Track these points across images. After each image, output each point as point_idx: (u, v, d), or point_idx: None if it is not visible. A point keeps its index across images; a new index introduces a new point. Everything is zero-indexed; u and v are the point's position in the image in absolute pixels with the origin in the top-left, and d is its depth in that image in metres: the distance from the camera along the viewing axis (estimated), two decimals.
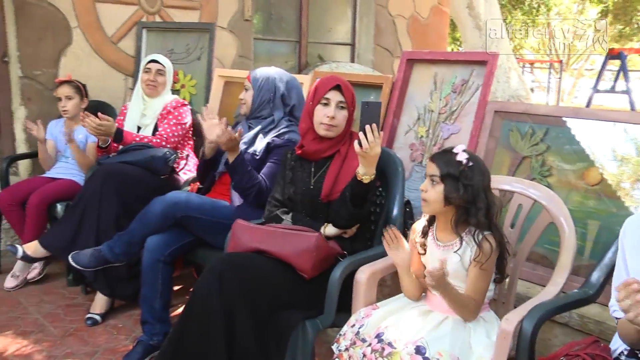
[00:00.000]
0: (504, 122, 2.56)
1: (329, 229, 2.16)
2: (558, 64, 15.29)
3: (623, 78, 8.54)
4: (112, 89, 3.99)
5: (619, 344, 1.57)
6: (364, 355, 1.70)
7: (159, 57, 3.39)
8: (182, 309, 2.05)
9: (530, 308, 1.66)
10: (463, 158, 1.74)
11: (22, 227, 3.19)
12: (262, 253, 2.09)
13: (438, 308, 1.79)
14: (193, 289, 2.00)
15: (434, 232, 1.85)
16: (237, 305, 1.91)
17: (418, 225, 1.90)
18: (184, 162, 3.28)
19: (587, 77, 18.81)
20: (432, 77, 2.85)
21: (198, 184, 2.98)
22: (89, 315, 2.88)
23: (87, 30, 3.96)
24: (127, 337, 2.75)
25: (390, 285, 2.51)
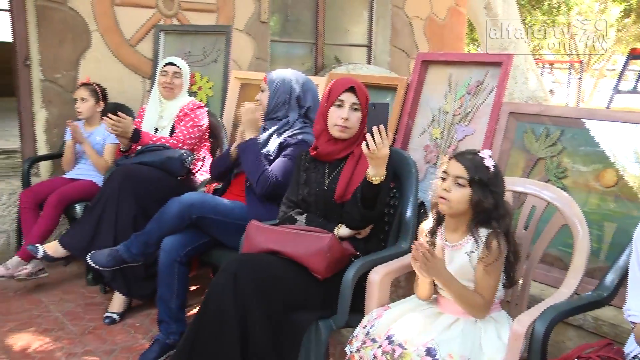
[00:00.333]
0: (519, 123, 2.55)
1: (343, 230, 2.17)
2: (578, 64, 15.10)
3: None
4: (130, 92, 4.04)
5: (634, 347, 1.57)
6: (375, 357, 1.70)
7: (176, 59, 3.43)
8: (197, 309, 2.07)
9: (543, 310, 1.66)
10: (491, 164, 1.75)
11: (32, 227, 3.20)
12: (276, 254, 2.10)
13: (449, 310, 1.79)
14: (208, 289, 2.02)
15: (443, 232, 1.85)
16: (251, 305, 1.93)
17: (426, 225, 1.91)
18: (201, 163, 3.31)
19: (608, 77, 18.55)
20: (446, 78, 2.85)
21: (214, 186, 3.01)
22: (107, 314, 2.93)
23: (106, 34, 4.02)
24: (144, 335, 2.79)
25: (405, 287, 2.51)
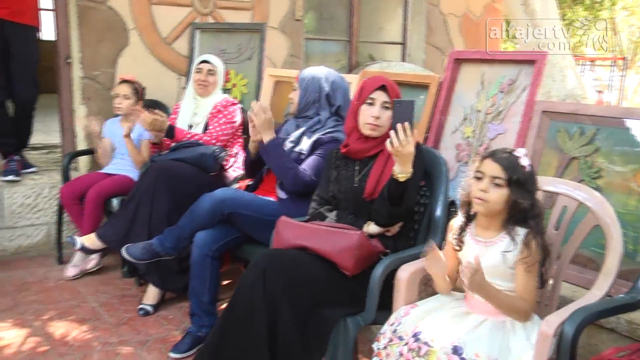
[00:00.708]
0: (552, 122, 2.51)
1: (372, 227, 2.18)
2: (622, 61, 14.69)
3: None
4: (165, 88, 4.11)
5: None
6: (401, 354, 1.71)
7: (211, 57, 3.47)
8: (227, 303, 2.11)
9: (573, 311, 1.63)
10: (527, 163, 1.74)
11: (80, 220, 3.34)
12: (305, 250, 2.12)
13: (477, 310, 1.78)
14: (237, 284, 2.05)
15: (473, 229, 1.84)
16: (279, 300, 1.95)
17: (455, 222, 1.90)
18: (233, 159, 3.35)
19: None
20: (479, 76, 2.82)
21: (246, 182, 3.05)
22: (142, 306, 2.99)
23: (143, 32, 4.10)
24: (176, 327, 2.84)
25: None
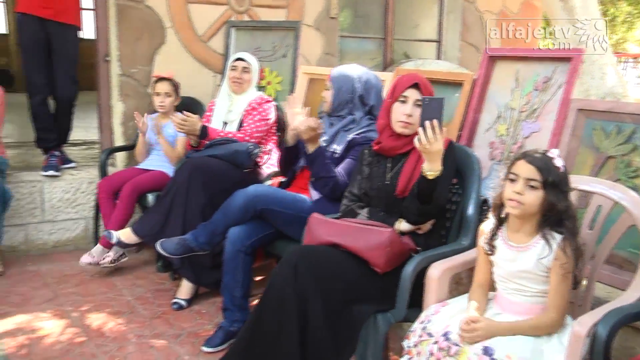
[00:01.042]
0: (588, 120, 2.46)
1: (403, 225, 2.18)
2: None
3: None
4: (201, 86, 4.16)
5: None
6: (431, 353, 1.71)
7: (246, 55, 3.50)
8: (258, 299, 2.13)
9: (607, 312, 1.61)
10: (561, 164, 1.72)
11: (110, 214, 3.38)
12: (336, 247, 2.13)
13: (508, 310, 1.76)
14: (269, 280, 2.08)
15: (505, 232, 1.82)
16: (310, 296, 1.97)
17: (486, 227, 1.88)
18: (267, 156, 3.37)
19: None
20: (514, 74, 2.78)
21: (280, 178, 3.07)
22: (175, 300, 3.04)
23: (179, 30, 4.16)
24: (209, 322, 2.87)
25: (466, 283, 2.48)
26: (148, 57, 4.09)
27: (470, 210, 2.19)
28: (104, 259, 3.31)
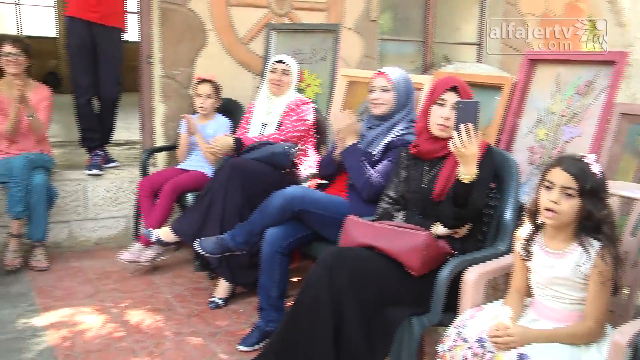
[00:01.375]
0: (632, 125, 2.40)
1: (440, 229, 2.16)
2: None
3: None
4: (241, 88, 4.19)
5: None
6: (465, 359, 1.69)
7: (285, 57, 3.53)
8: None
9: None
10: (598, 170, 1.68)
11: (149, 213, 3.44)
12: (372, 249, 2.13)
13: (545, 317, 1.73)
14: (304, 281, 2.09)
15: (541, 238, 1.79)
16: (345, 298, 1.98)
17: (522, 232, 1.85)
18: (305, 158, 3.38)
19: None
20: (554, 78, 2.73)
21: (317, 180, 3.08)
22: (212, 299, 3.08)
23: (220, 33, 4.21)
24: (245, 321, 2.90)
25: (503, 289, 2.45)
26: (189, 59, 4.15)
27: (508, 215, 2.17)
28: (143, 257, 3.37)
